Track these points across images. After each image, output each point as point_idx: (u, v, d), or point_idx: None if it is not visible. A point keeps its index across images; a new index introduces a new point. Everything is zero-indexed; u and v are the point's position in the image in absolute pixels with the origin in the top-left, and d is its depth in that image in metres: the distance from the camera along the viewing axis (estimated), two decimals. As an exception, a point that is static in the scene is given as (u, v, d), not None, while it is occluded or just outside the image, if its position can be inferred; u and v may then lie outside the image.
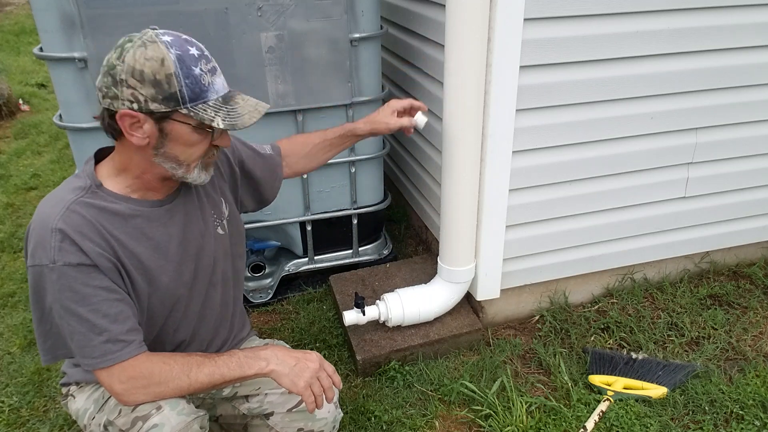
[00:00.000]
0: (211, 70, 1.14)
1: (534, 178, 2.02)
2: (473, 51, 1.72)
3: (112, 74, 1.09)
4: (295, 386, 1.23)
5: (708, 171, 2.23)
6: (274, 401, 1.43)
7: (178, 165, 1.17)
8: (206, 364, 1.21)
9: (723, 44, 1.97)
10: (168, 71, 1.08)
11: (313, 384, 1.24)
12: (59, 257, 1.11)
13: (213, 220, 1.39)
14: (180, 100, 1.10)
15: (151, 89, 1.08)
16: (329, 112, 2.20)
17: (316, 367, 1.26)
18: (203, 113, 1.11)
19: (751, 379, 1.98)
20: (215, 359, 1.22)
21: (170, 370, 1.18)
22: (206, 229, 1.37)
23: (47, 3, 1.77)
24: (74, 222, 1.13)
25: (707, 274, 2.53)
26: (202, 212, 1.36)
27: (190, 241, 1.32)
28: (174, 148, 1.15)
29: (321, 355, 1.29)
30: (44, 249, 1.11)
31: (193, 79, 1.10)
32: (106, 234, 1.17)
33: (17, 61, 6.27)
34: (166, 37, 1.10)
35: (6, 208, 3.34)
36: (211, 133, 1.16)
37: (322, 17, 2.01)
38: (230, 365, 1.22)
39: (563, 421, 1.84)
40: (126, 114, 1.10)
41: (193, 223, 1.33)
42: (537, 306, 2.35)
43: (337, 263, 2.56)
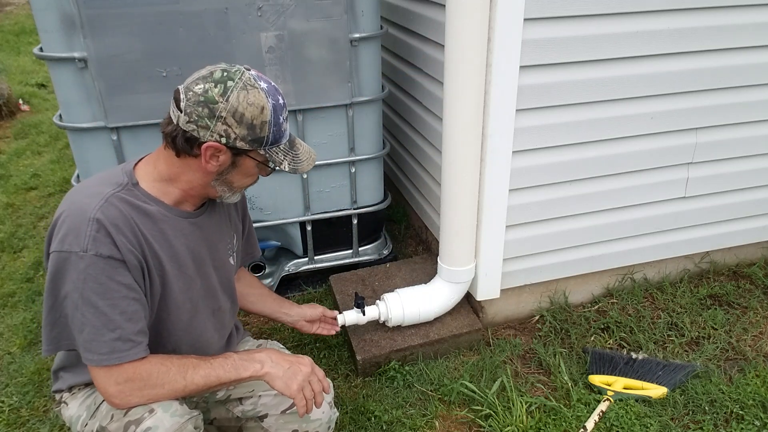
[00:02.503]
0: (287, 118, 1.25)
1: (534, 178, 2.02)
2: (473, 51, 1.72)
3: (211, 108, 1.15)
4: (288, 389, 1.25)
5: (708, 171, 2.23)
6: (268, 403, 1.44)
7: (230, 190, 1.28)
8: (202, 367, 1.22)
9: (723, 44, 1.97)
10: (265, 119, 1.19)
11: (305, 388, 1.26)
12: (92, 247, 1.12)
13: (227, 249, 1.46)
14: (263, 143, 1.21)
15: (244, 131, 1.17)
16: (329, 112, 2.20)
17: (308, 371, 1.28)
18: (275, 156, 1.23)
19: (751, 379, 1.98)
20: (210, 361, 1.23)
21: (167, 371, 1.19)
22: (221, 255, 1.42)
23: (47, 3, 1.77)
24: (112, 215, 1.16)
25: (707, 274, 2.53)
26: (221, 237, 1.42)
27: (203, 260, 1.36)
28: (234, 177, 1.25)
29: (312, 360, 1.32)
30: (77, 236, 1.13)
31: (278, 126, 1.21)
32: (138, 232, 1.19)
33: (17, 61, 6.27)
34: (263, 83, 1.20)
35: (6, 208, 3.34)
36: (272, 169, 1.27)
37: (322, 17, 2.01)
38: (225, 367, 1.23)
39: (563, 421, 1.84)
40: (212, 146, 1.17)
41: (211, 244, 1.38)
42: (537, 306, 2.35)
43: (337, 263, 2.56)
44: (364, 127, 2.29)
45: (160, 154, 1.25)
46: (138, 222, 1.20)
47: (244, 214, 1.58)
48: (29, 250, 2.94)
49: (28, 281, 2.69)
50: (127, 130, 2.00)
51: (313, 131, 2.21)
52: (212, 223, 1.38)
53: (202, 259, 1.35)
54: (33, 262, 2.82)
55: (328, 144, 2.26)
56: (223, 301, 1.47)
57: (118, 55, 1.87)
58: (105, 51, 1.85)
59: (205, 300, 1.39)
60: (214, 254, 1.40)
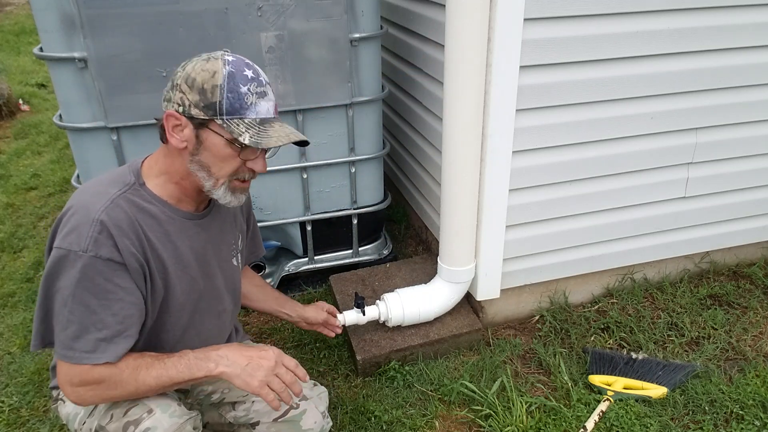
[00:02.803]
0: (260, 94, 1.18)
1: (534, 178, 2.02)
2: (473, 51, 1.72)
3: (172, 79, 1.17)
4: (248, 386, 1.19)
5: (708, 171, 2.23)
6: (260, 410, 1.43)
7: (209, 176, 1.20)
8: (155, 367, 1.19)
9: (723, 44, 1.97)
10: (215, 83, 1.14)
11: (270, 381, 1.20)
12: (92, 248, 1.12)
13: (231, 250, 1.44)
14: (218, 111, 1.14)
15: (196, 96, 1.14)
16: (329, 112, 2.20)
17: (271, 365, 1.21)
18: (235, 127, 1.15)
19: (751, 379, 1.98)
20: (164, 361, 1.20)
21: (120, 373, 1.17)
22: (225, 256, 1.41)
23: (47, 3, 1.77)
24: (116, 217, 1.15)
25: (707, 274, 2.53)
26: (225, 239, 1.41)
27: (208, 262, 1.35)
28: (208, 158, 1.19)
29: (280, 351, 1.26)
30: (79, 236, 1.12)
31: (236, 94, 1.15)
32: (141, 234, 1.19)
33: (17, 61, 6.27)
34: (230, 56, 1.17)
35: (6, 208, 3.34)
36: (239, 149, 1.18)
37: (322, 17, 2.01)
38: (179, 367, 1.19)
39: (563, 421, 1.84)
40: (171, 114, 1.16)
41: (215, 245, 1.37)
42: (537, 306, 2.35)
43: (337, 263, 2.56)
44: (364, 127, 2.29)
45: (160, 149, 1.26)
46: (143, 224, 1.19)
47: (249, 213, 1.58)
48: (29, 250, 2.94)
49: (28, 281, 2.69)
50: (127, 130, 2.00)
51: (313, 131, 2.21)
52: (217, 224, 1.38)
53: (206, 261, 1.35)
54: (33, 262, 2.82)
55: (328, 144, 2.26)
56: (227, 302, 1.46)
57: (118, 55, 1.87)
58: (105, 51, 1.85)
59: (208, 301, 1.38)
60: (219, 255, 1.39)
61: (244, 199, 1.29)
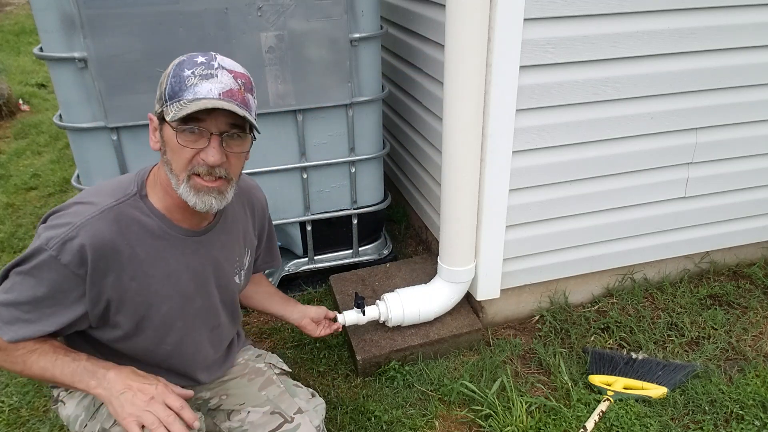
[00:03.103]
0: (205, 75, 1.10)
1: (534, 178, 2.02)
2: (473, 51, 1.72)
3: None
4: (117, 415, 1.12)
5: (708, 171, 2.23)
6: (255, 421, 1.40)
7: (171, 173, 1.15)
8: (46, 358, 1.16)
9: (723, 44, 1.97)
10: (167, 71, 1.12)
11: (141, 416, 1.10)
12: (56, 249, 1.10)
13: (234, 268, 1.40)
14: (164, 99, 1.11)
15: (157, 92, 1.14)
16: (329, 112, 2.20)
17: (146, 399, 1.13)
18: (166, 109, 1.10)
19: (751, 379, 1.98)
20: (57, 357, 1.17)
21: (15, 350, 1.16)
22: (226, 274, 1.38)
23: (47, 3, 1.77)
24: (97, 234, 1.13)
25: (707, 274, 2.53)
26: (229, 256, 1.37)
27: (206, 279, 1.32)
28: (169, 154, 1.14)
29: (167, 388, 1.17)
30: (55, 233, 1.11)
31: (178, 78, 1.10)
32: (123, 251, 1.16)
33: (17, 61, 6.27)
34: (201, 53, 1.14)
35: (6, 208, 3.34)
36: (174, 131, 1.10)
37: (322, 17, 2.01)
38: (64, 370, 1.16)
39: (563, 421, 1.84)
40: (149, 116, 1.17)
41: (217, 264, 1.33)
42: (537, 306, 2.35)
43: (337, 263, 2.56)
44: (364, 127, 2.29)
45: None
46: (132, 238, 1.17)
47: (262, 228, 1.54)
48: (29, 250, 2.94)
49: (28, 281, 2.68)
50: (127, 130, 2.00)
51: (313, 131, 2.22)
52: (221, 242, 1.33)
53: (204, 279, 1.31)
54: (33, 262, 2.81)
55: (328, 144, 2.26)
56: (223, 317, 1.43)
57: (118, 55, 1.87)
58: (105, 51, 1.85)
59: (203, 318, 1.35)
60: (219, 273, 1.35)
61: (213, 203, 1.16)
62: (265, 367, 1.53)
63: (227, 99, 1.10)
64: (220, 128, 1.12)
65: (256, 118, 1.19)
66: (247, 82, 1.16)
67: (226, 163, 1.16)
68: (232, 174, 1.19)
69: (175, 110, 1.08)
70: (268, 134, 2.14)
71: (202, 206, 1.16)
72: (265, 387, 1.46)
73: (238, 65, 1.17)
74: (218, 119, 1.11)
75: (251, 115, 1.14)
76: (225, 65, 1.13)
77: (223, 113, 1.10)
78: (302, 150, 2.24)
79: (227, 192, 1.19)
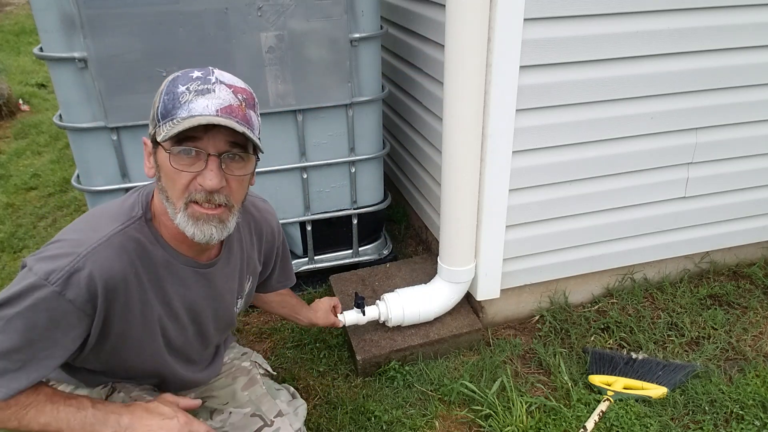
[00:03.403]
0: (201, 91, 0.99)
1: (534, 178, 2.02)
2: (473, 51, 1.72)
3: None
4: None
5: (708, 171, 2.23)
6: (236, 423, 1.38)
7: (168, 201, 1.04)
8: (45, 412, 1.04)
9: (723, 44, 1.97)
10: (160, 89, 1.03)
11: None
12: (60, 284, 0.99)
13: (235, 298, 1.35)
14: (156, 120, 1.02)
15: (150, 112, 1.05)
16: (329, 112, 2.20)
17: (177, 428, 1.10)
18: (159, 129, 1.00)
19: (751, 379, 1.98)
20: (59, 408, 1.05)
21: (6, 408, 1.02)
22: (226, 305, 1.32)
23: (47, 3, 1.77)
24: (106, 264, 1.03)
25: (707, 274, 2.53)
26: (232, 287, 1.31)
27: (202, 312, 1.25)
28: (164, 181, 1.04)
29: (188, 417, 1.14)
30: (55, 265, 0.99)
31: (171, 95, 1.00)
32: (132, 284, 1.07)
33: (17, 61, 6.27)
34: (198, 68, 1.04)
35: (6, 208, 3.34)
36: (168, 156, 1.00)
37: (322, 17, 2.01)
38: (72, 423, 1.05)
39: (563, 421, 1.84)
40: (143, 140, 1.08)
41: (217, 297, 1.26)
42: (537, 306, 2.35)
43: (337, 263, 2.56)
44: (364, 127, 2.29)
45: None
46: (138, 264, 1.09)
47: (270, 254, 1.46)
48: (29, 250, 2.94)
49: (28, 281, 2.69)
50: (127, 130, 2.00)
51: (313, 131, 2.22)
52: (225, 274, 1.26)
53: (199, 312, 1.24)
54: (33, 262, 2.82)
55: (328, 144, 2.26)
56: (215, 338, 1.38)
57: (118, 55, 1.87)
58: (105, 51, 1.85)
59: (193, 344, 1.30)
60: (218, 305, 1.28)
61: (213, 233, 1.05)
62: (250, 365, 1.51)
63: (226, 115, 0.99)
64: (218, 148, 1.01)
65: (260, 137, 1.07)
66: (249, 98, 1.05)
67: (226, 188, 1.04)
68: (234, 201, 1.07)
69: (167, 129, 0.98)
70: (268, 134, 2.14)
71: (201, 237, 1.05)
72: (248, 387, 1.44)
73: (239, 80, 1.06)
74: (216, 138, 1.00)
75: (254, 134, 1.03)
76: (224, 80, 1.03)
77: (221, 131, 0.99)
78: (302, 150, 2.24)
79: (229, 221, 1.08)
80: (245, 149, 1.04)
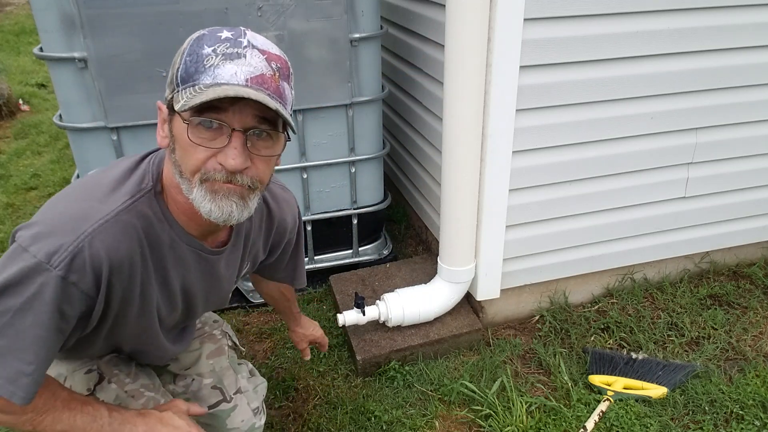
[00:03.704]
0: (230, 55, 0.87)
1: (534, 178, 2.02)
2: (473, 51, 1.72)
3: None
4: None
5: (708, 171, 2.23)
6: (197, 392, 1.33)
7: (181, 177, 0.93)
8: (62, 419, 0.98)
9: (723, 44, 1.97)
10: (182, 48, 0.90)
11: None
12: (64, 269, 0.88)
13: (232, 284, 1.28)
14: (175, 83, 0.89)
15: (168, 73, 0.93)
16: (329, 112, 2.20)
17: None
18: (179, 97, 0.87)
19: (751, 379, 1.98)
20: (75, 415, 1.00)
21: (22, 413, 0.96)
22: (224, 290, 1.24)
23: (47, 3, 1.78)
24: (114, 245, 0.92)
25: (707, 274, 2.53)
26: (232, 274, 1.23)
27: (196, 296, 1.18)
28: (179, 153, 0.92)
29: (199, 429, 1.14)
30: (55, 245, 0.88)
31: (195, 57, 0.87)
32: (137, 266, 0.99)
33: (17, 61, 6.27)
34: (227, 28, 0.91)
35: (6, 208, 3.34)
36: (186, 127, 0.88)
37: (322, 17, 2.01)
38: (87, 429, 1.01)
39: (563, 421, 1.84)
40: (158, 105, 0.96)
41: (215, 284, 1.19)
42: (537, 306, 2.35)
43: (337, 263, 2.56)
44: (364, 127, 2.29)
45: None
46: (145, 243, 0.99)
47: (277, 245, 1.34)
48: (29, 250, 2.94)
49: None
50: (127, 130, 2.00)
51: (313, 131, 2.22)
52: (228, 261, 1.18)
53: (194, 294, 1.16)
54: (33, 262, 2.81)
55: (328, 144, 2.26)
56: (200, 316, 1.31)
57: (118, 55, 1.87)
58: (105, 51, 1.85)
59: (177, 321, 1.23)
60: (214, 289, 1.20)
61: (233, 211, 0.93)
62: (220, 335, 1.45)
63: (256, 87, 0.86)
64: (244, 123, 0.88)
65: (292, 113, 0.95)
66: (284, 67, 0.92)
67: (252, 168, 0.92)
68: (259, 183, 0.95)
69: (187, 97, 0.86)
70: (268, 134, 2.14)
71: (218, 214, 0.92)
72: (213, 356, 1.39)
73: (274, 45, 0.92)
74: (243, 112, 0.87)
75: (286, 109, 0.90)
76: (256, 44, 0.89)
77: (249, 104, 0.87)
78: (302, 150, 2.24)
79: (250, 200, 0.96)
80: (275, 126, 0.91)
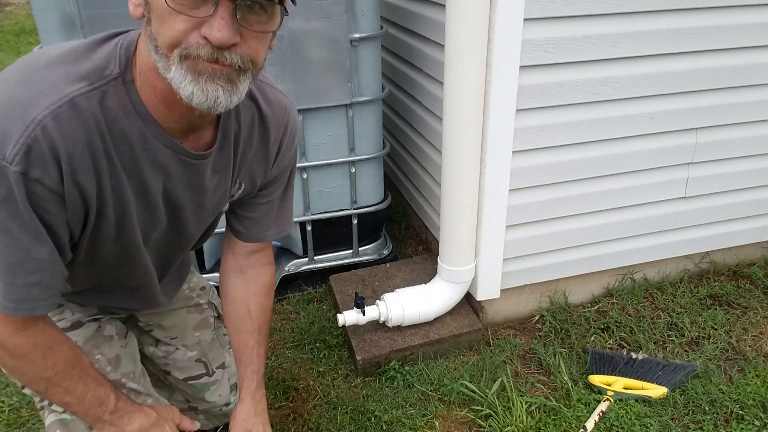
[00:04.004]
0: None
1: (534, 178, 2.02)
2: (473, 51, 1.72)
3: None
4: None
5: (708, 171, 2.23)
6: (178, 360, 1.31)
7: (156, 50, 0.80)
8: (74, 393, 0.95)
9: (723, 44, 1.97)
10: None
11: None
12: (21, 162, 0.75)
13: (227, 198, 1.11)
14: None
15: None
16: (329, 112, 2.20)
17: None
18: None
19: (751, 379, 1.98)
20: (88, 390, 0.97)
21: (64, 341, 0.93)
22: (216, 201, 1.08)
23: (47, 3, 1.77)
24: (69, 129, 0.78)
25: (707, 274, 2.53)
26: (219, 187, 1.05)
27: (182, 207, 1.02)
28: (155, 24, 0.80)
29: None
30: (5, 138, 0.75)
31: None
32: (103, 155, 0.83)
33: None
34: None
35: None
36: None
37: (322, 17, 2.01)
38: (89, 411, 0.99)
39: (563, 421, 1.84)
40: None
41: (202, 190, 1.02)
42: (537, 306, 2.35)
43: (337, 263, 2.55)
44: (364, 127, 2.29)
45: None
46: (111, 141, 0.84)
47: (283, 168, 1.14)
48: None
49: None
50: (127, 130, 2.00)
51: (313, 131, 2.22)
52: (217, 167, 1.01)
53: (180, 207, 1.01)
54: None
55: (328, 144, 2.26)
56: (193, 239, 1.14)
57: (118, 55, 1.87)
58: (105, 51, 1.85)
59: (165, 241, 1.06)
60: (202, 199, 1.03)
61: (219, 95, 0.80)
62: (206, 305, 1.41)
63: None
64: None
65: None
66: None
67: (242, 45, 0.79)
68: (251, 63, 0.82)
69: None
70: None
71: (201, 98, 0.79)
72: (200, 328, 1.36)
73: None
74: None
75: None
76: None
77: None
78: (302, 150, 2.24)
79: (240, 83, 0.82)
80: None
